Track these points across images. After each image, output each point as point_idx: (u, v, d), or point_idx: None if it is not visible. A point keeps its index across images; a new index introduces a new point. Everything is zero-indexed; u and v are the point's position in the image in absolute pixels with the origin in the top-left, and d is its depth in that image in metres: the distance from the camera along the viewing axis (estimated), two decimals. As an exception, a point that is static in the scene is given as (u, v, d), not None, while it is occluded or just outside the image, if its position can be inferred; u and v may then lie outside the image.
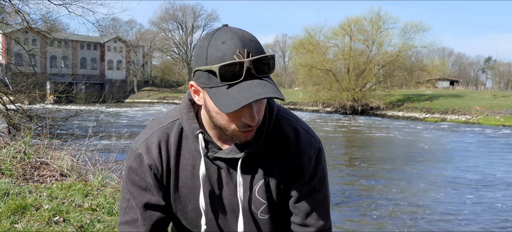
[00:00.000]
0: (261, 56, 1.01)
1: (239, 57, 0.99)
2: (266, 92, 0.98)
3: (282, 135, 1.20)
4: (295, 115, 1.27)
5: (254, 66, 1.00)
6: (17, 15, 12.52)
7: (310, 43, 44.73)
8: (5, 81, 12.21)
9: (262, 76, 1.01)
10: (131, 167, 1.22)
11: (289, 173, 1.21)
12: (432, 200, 9.75)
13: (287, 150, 1.20)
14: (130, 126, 21.08)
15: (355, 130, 27.71)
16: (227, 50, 0.99)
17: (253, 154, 1.18)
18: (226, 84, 1.00)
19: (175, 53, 76.28)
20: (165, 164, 1.21)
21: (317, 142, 1.24)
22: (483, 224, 8.21)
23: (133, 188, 1.22)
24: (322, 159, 1.25)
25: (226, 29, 1.04)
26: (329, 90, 43.46)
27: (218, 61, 0.99)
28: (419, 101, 41.18)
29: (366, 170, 13.52)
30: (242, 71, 0.99)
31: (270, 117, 1.19)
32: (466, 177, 12.31)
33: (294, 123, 1.23)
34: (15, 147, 4.89)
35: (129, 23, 67.56)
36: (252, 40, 1.02)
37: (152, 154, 1.20)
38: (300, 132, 1.22)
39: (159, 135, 1.21)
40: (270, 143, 1.19)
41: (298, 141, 1.20)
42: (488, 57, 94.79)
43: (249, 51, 1.00)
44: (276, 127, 1.20)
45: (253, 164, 1.19)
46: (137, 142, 1.23)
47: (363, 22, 44.70)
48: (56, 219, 3.02)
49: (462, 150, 18.67)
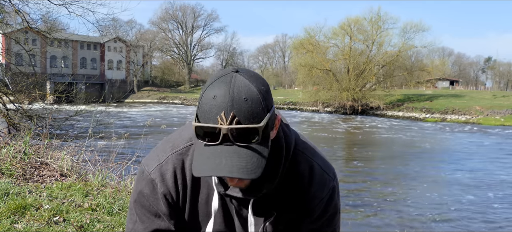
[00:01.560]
0: (241, 127, 0.94)
1: (221, 119, 0.94)
2: (230, 169, 0.93)
3: (296, 173, 1.17)
4: (312, 146, 1.22)
5: (232, 134, 0.94)
6: (17, 15, 12.52)
7: (310, 43, 44.74)
8: (5, 81, 12.21)
9: (242, 144, 0.95)
10: (142, 192, 1.18)
11: (299, 211, 1.19)
12: (432, 200, 9.75)
13: (299, 189, 1.17)
14: (130, 126, 21.10)
15: (355, 130, 27.71)
16: (212, 108, 0.95)
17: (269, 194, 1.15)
18: (204, 143, 0.97)
19: (175, 53, 76.28)
20: (182, 193, 1.17)
21: (332, 180, 1.20)
22: (483, 224, 8.21)
23: (142, 212, 1.19)
24: (335, 198, 1.21)
25: (226, 79, 0.97)
26: (329, 90, 43.47)
27: (201, 115, 0.97)
28: (419, 101, 41.18)
29: (366, 170, 13.52)
30: (219, 135, 0.94)
31: (286, 158, 1.14)
32: (466, 177, 12.31)
33: (311, 158, 1.19)
34: (15, 147, 4.89)
35: (129, 23, 67.59)
36: (247, 100, 0.95)
37: (167, 182, 1.16)
38: (315, 170, 1.18)
39: (174, 162, 1.16)
40: (283, 180, 1.15)
41: (311, 181, 1.17)
42: (488, 57, 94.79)
43: (235, 115, 0.94)
44: (291, 163, 1.16)
45: (264, 202, 1.17)
46: (150, 166, 1.17)
47: (363, 22, 44.77)
48: (56, 219, 3.02)
49: (462, 150, 18.67)
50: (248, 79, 0.98)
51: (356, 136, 24.51)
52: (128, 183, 4.42)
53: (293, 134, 1.19)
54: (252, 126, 0.95)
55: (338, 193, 1.24)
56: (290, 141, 1.16)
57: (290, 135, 1.18)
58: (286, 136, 1.16)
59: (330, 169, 1.22)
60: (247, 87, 0.97)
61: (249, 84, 0.97)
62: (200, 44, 76.18)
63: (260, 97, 0.97)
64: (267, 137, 1.00)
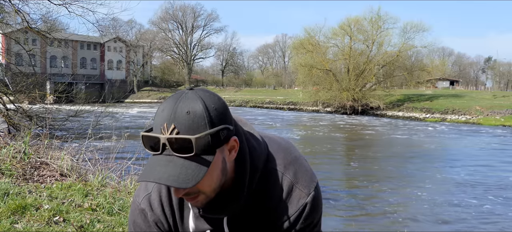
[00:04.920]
0: (177, 136, 0.98)
1: (163, 129, 0.99)
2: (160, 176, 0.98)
3: (267, 187, 1.18)
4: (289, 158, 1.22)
5: (170, 144, 0.99)
6: (17, 15, 12.51)
7: (310, 43, 44.71)
8: (5, 81, 12.21)
9: (181, 155, 0.99)
10: (135, 222, 1.25)
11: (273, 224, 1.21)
12: (432, 200, 9.75)
13: (269, 206, 1.18)
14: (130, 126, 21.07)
15: (355, 130, 27.71)
16: (159, 120, 1.01)
17: (236, 212, 1.17)
18: (151, 153, 1.03)
19: (175, 53, 76.28)
20: (171, 218, 1.24)
21: (304, 196, 1.18)
22: (483, 224, 8.21)
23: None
24: (306, 214, 1.19)
25: (177, 96, 1.03)
26: (329, 90, 43.46)
27: (152, 127, 1.03)
28: (419, 101, 41.18)
29: (365, 170, 13.52)
30: (159, 145, 1.00)
31: (252, 176, 1.15)
32: (466, 177, 12.31)
33: (282, 173, 1.19)
34: (15, 147, 4.89)
35: (129, 23, 67.57)
36: (189, 113, 1.00)
37: (155, 210, 1.22)
38: (284, 186, 1.18)
39: (159, 190, 1.23)
40: (256, 196, 1.18)
41: (280, 198, 1.18)
42: (488, 57, 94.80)
43: (175, 127, 0.98)
44: (262, 180, 1.18)
45: (239, 220, 1.20)
46: (139, 197, 1.25)
47: (363, 22, 44.72)
48: (56, 219, 3.02)
49: (462, 150, 18.67)
50: (198, 96, 1.03)
51: (356, 136, 24.51)
52: (128, 183, 4.42)
53: (264, 150, 1.19)
54: (186, 137, 0.98)
55: (312, 211, 1.20)
56: (258, 154, 1.17)
57: (260, 152, 1.18)
58: (253, 153, 1.16)
59: (306, 187, 1.19)
60: (193, 102, 1.01)
61: (196, 99, 1.02)
62: (200, 44, 76.19)
63: (205, 113, 1.01)
64: (209, 151, 1.02)
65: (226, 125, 1.04)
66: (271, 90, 67.44)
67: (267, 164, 1.19)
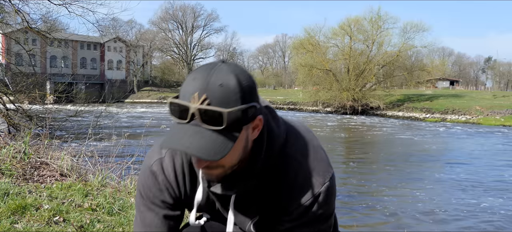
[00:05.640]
0: (209, 108, 0.96)
1: (194, 99, 0.97)
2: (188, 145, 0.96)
3: (281, 170, 1.16)
4: (309, 146, 1.20)
5: (200, 114, 0.97)
6: (17, 15, 12.52)
7: (310, 43, 44.70)
8: (5, 81, 12.21)
9: (209, 127, 0.98)
10: (145, 185, 1.23)
11: (281, 210, 1.19)
12: (432, 200, 9.75)
13: (282, 187, 1.16)
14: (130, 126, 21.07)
15: (355, 130, 27.71)
16: (189, 89, 0.99)
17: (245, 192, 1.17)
18: (176, 121, 1.01)
19: (175, 53, 76.27)
20: (182, 188, 1.23)
21: (318, 186, 1.16)
22: (482, 224, 8.21)
23: (148, 202, 1.23)
24: (318, 205, 1.17)
25: (210, 66, 1.01)
26: (329, 90, 43.46)
27: (180, 94, 1.01)
28: (419, 101, 41.18)
29: (365, 170, 13.52)
30: (188, 114, 0.98)
31: (267, 157, 1.14)
32: (466, 177, 12.31)
33: (300, 160, 1.17)
34: (15, 147, 4.89)
35: (129, 23, 67.58)
36: (222, 86, 0.98)
37: (167, 175, 1.21)
38: (300, 173, 1.16)
39: (172, 155, 1.22)
40: (269, 179, 1.16)
41: (293, 184, 1.16)
42: (488, 57, 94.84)
43: (207, 97, 0.97)
44: (278, 164, 1.16)
45: (247, 201, 1.19)
46: (151, 159, 1.23)
47: (363, 22, 44.71)
48: (56, 219, 3.02)
49: (462, 150, 18.67)
50: (232, 70, 1.01)
51: (356, 136, 24.51)
52: (128, 183, 4.42)
53: (282, 133, 1.18)
54: (218, 109, 0.96)
55: (327, 201, 1.19)
56: (276, 135, 1.15)
57: (278, 134, 1.16)
58: (271, 134, 1.15)
59: (321, 175, 1.18)
60: (227, 75, 0.99)
61: (230, 73, 1.00)
62: (200, 44, 76.18)
63: (238, 88, 0.99)
64: (237, 127, 1.01)
65: (254, 103, 1.04)
66: (271, 90, 67.47)
67: (284, 148, 1.17)
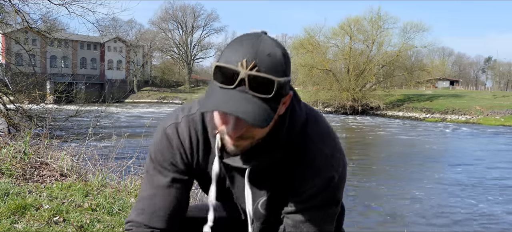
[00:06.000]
0: (260, 75, 0.95)
1: (242, 65, 0.95)
2: (235, 109, 0.93)
3: (300, 150, 1.15)
4: (327, 132, 1.19)
5: (249, 80, 0.95)
6: (17, 15, 12.51)
7: (310, 43, 44.70)
8: (5, 81, 12.21)
9: (257, 94, 0.96)
10: (158, 147, 1.22)
11: (293, 189, 1.19)
12: (432, 200, 9.75)
13: (298, 167, 1.16)
14: (130, 126, 21.09)
15: (355, 129, 27.71)
16: (236, 55, 0.96)
17: (262, 167, 1.15)
18: (219, 85, 0.98)
19: (175, 53, 76.24)
20: (195, 153, 1.21)
21: (333, 170, 1.16)
22: (482, 224, 8.21)
23: (158, 166, 1.22)
24: (334, 187, 1.17)
25: (255, 35, 1.01)
26: (329, 90, 43.46)
27: (223, 60, 0.98)
28: (419, 101, 41.17)
29: (365, 170, 13.52)
30: (236, 79, 0.95)
31: (290, 129, 1.13)
32: (466, 178, 12.31)
33: (317, 142, 1.16)
34: (15, 147, 4.89)
35: (129, 23, 67.54)
36: (270, 56, 0.97)
37: (182, 140, 1.20)
38: (317, 155, 1.15)
39: (189, 123, 1.20)
40: (285, 157, 1.15)
41: (309, 164, 1.15)
42: (488, 57, 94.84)
43: (256, 65, 0.95)
44: (297, 143, 1.15)
45: (262, 176, 1.18)
46: (167, 123, 1.22)
47: (363, 22, 44.73)
48: (56, 219, 3.02)
49: (462, 150, 18.67)
50: (276, 42, 1.03)
51: (356, 136, 24.50)
52: (128, 183, 4.42)
53: (303, 114, 1.17)
54: (270, 77, 0.96)
55: (338, 187, 1.19)
56: (298, 116, 1.15)
57: (300, 114, 1.16)
58: (293, 113, 1.15)
59: (336, 160, 1.17)
60: (272, 46, 1.00)
61: (276, 45, 1.02)
62: (200, 44, 76.14)
63: (283, 60, 1.00)
64: (278, 99, 1.01)
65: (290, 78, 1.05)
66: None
67: (304, 128, 1.17)
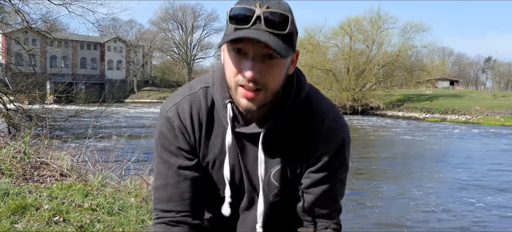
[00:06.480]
0: (275, 10, 1.01)
1: (255, 6, 1.01)
2: (257, 35, 0.99)
3: (306, 120, 1.20)
4: (329, 102, 1.26)
5: (265, 17, 1.00)
6: (17, 15, 12.50)
7: (310, 43, 44.68)
8: (5, 81, 12.20)
9: (273, 30, 1.01)
10: (161, 132, 1.22)
11: (306, 159, 1.21)
12: (432, 200, 9.75)
13: (307, 137, 1.19)
14: (130, 126, 21.08)
15: (354, 129, 27.70)
16: (249, 2, 1.02)
17: (274, 132, 1.17)
18: (234, 26, 1.02)
19: (175, 53, 76.23)
20: (198, 133, 1.21)
21: (342, 132, 1.22)
22: (483, 224, 8.21)
23: (164, 152, 1.22)
24: (344, 151, 1.23)
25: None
26: (329, 90, 43.41)
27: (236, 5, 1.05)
28: (419, 101, 41.17)
29: (365, 170, 13.52)
30: (251, 17, 1.00)
31: (297, 94, 1.18)
32: (466, 177, 12.31)
33: (323, 109, 1.21)
34: (15, 147, 4.89)
35: (129, 23, 67.54)
36: (280, 3, 1.04)
37: (183, 119, 1.20)
38: (326, 120, 1.20)
39: (190, 100, 1.21)
40: (293, 127, 1.19)
41: (320, 130, 1.19)
42: (488, 57, 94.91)
43: (269, 6, 1.01)
44: (303, 111, 1.20)
45: (274, 145, 1.19)
46: (167, 106, 1.23)
47: (363, 22, 44.73)
48: (56, 219, 3.02)
49: (462, 150, 18.67)
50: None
51: (356, 136, 24.49)
52: (128, 183, 4.42)
53: (307, 84, 1.22)
54: (284, 12, 1.02)
55: (348, 148, 1.25)
56: (303, 84, 1.21)
57: (304, 81, 1.22)
58: (300, 78, 1.21)
59: (343, 123, 1.23)
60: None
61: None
62: (200, 44, 76.13)
63: (290, 9, 1.07)
64: (291, 42, 1.07)
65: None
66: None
67: (309, 98, 1.21)
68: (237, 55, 1.05)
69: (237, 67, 1.06)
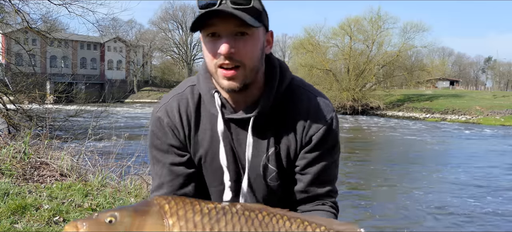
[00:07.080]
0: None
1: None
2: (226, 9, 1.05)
3: (294, 102, 1.24)
4: (311, 85, 1.31)
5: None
6: (17, 15, 12.50)
7: (310, 43, 44.68)
8: (5, 81, 12.20)
9: (239, 6, 1.07)
10: (152, 132, 1.27)
11: (299, 141, 1.24)
12: (432, 200, 9.75)
13: (298, 119, 1.23)
14: (130, 126, 21.08)
15: (354, 130, 27.70)
16: None
17: (264, 116, 1.20)
18: (204, 10, 1.08)
19: (175, 53, 76.22)
20: (187, 128, 1.25)
21: (330, 111, 1.26)
22: (483, 224, 8.21)
23: (156, 152, 1.26)
24: (333, 129, 1.26)
25: None
26: (329, 90, 43.39)
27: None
28: (419, 101, 41.16)
29: (364, 170, 13.52)
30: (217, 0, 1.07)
31: (281, 79, 1.23)
32: (466, 178, 12.31)
33: (309, 91, 1.26)
34: (15, 147, 4.89)
35: (129, 23, 67.43)
36: None
37: (172, 117, 1.25)
38: (313, 101, 1.25)
39: (178, 100, 1.26)
40: (282, 110, 1.23)
41: (309, 110, 1.23)
42: (488, 57, 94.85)
43: None
44: (290, 95, 1.24)
45: (264, 129, 1.23)
46: (157, 107, 1.29)
47: (363, 22, 44.71)
48: (56, 219, 3.02)
49: (462, 150, 18.67)
50: None
51: (356, 136, 24.49)
52: (128, 183, 4.42)
53: (290, 74, 1.28)
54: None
55: (337, 125, 1.28)
56: (285, 69, 1.27)
57: (286, 67, 1.28)
58: (282, 65, 1.27)
59: (328, 107, 1.27)
60: None
61: None
62: (200, 44, 76.03)
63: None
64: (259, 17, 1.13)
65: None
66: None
67: (293, 82, 1.27)
68: (211, 39, 1.12)
69: (213, 50, 1.12)
